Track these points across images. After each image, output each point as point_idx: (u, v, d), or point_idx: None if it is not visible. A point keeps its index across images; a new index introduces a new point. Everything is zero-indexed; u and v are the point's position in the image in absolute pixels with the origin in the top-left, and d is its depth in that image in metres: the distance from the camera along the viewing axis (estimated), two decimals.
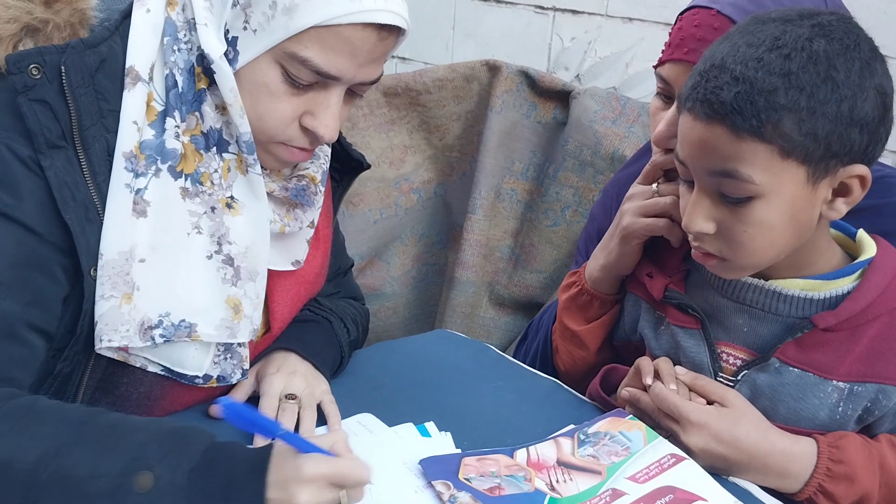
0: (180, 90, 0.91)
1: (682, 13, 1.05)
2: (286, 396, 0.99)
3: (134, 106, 0.89)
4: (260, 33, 0.88)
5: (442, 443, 0.98)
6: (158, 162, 0.90)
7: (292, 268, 1.04)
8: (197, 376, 0.95)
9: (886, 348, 0.92)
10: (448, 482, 0.88)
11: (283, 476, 0.77)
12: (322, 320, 1.15)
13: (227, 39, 0.89)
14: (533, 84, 1.94)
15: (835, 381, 0.93)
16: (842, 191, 0.88)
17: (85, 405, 0.91)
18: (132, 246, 0.88)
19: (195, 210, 0.92)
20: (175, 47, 0.91)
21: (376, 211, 2.03)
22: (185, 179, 0.92)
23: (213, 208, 0.93)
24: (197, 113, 0.92)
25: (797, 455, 0.92)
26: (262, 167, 0.96)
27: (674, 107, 0.99)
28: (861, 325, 0.92)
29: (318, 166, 1.05)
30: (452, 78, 1.97)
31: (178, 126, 0.91)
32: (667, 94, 1.06)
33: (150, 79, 0.90)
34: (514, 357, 1.32)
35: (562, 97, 1.93)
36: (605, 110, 1.84)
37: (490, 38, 2.22)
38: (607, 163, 1.82)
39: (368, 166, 1.15)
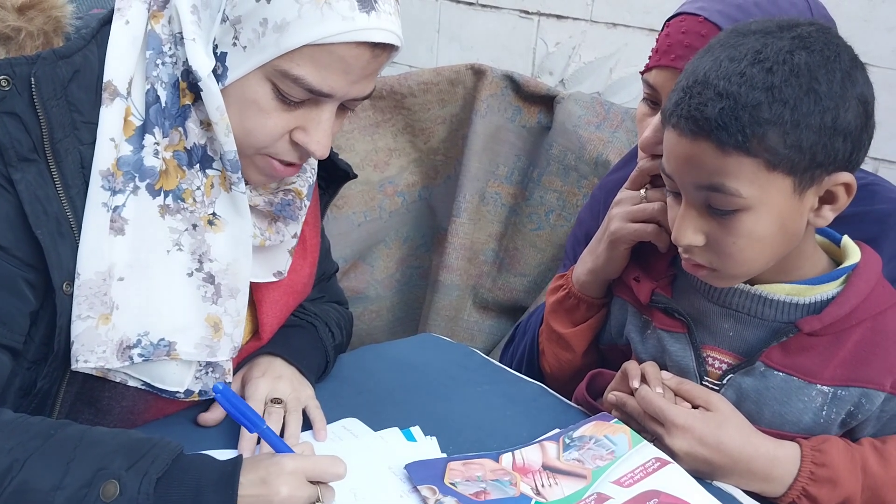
0: (163, 105, 0.89)
1: (669, 19, 1.05)
2: (271, 401, 0.98)
3: (111, 123, 0.86)
4: (250, 50, 0.86)
5: (427, 447, 0.98)
6: (136, 179, 0.88)
7: (274, 279, 1.03)
8: (178, 391, 0.94)
9: (870, 353, 0.93)
10: (433, 487, 0.88)
11: (261, 473, 0.77)
12: (307, 325, 1.14)
13: (215, 55, 0.87)
14: (517, 88, 1.95)
15: (819, 385, 0.94)
16: (828, 198, 0.89)
17: (63, 419, 0.89)
18: (110, 265, 0.87)
19: (176, 227, 0.90)
20: (159, 61, 0.88)
21: (360, 214, 2.03)
22: (166, 196, 0.90)
23: (194, 225, 0.91)
24: (180, 128, 0.90)
25: (781, 459, 0.93)
26: (246, 182, 0.94)
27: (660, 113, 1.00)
28: (845, 330, 0.93)
29: (305, 180, 1.03)
30: (437, 81, 1.98)
31: (157, 143, 0.89)
32: (653, 100, 1.06)
33: (129, 93, 0.88)
34: (500, 359, 1.32)
35: (546, 102, 1.94)
36: (589, 115, 1.85)
37: (475, 42, 2.23)
38: (591, 167, 1.83)
39: (355, 176, 1.14)
